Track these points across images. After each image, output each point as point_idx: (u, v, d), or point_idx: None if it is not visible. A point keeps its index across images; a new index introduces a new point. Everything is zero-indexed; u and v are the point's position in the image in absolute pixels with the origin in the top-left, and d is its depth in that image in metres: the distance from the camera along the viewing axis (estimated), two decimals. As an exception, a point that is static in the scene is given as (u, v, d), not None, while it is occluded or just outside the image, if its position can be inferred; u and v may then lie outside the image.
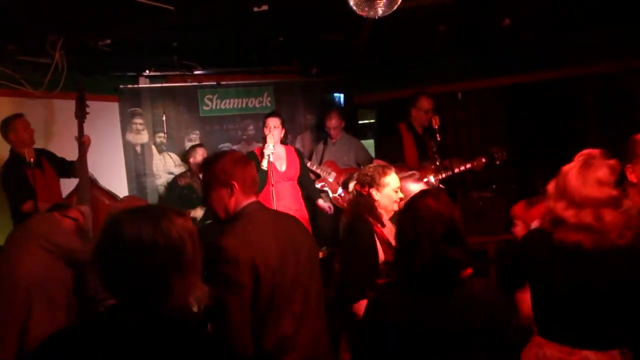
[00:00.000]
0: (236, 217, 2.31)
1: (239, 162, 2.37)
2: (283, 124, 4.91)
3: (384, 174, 3.19)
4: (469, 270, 1.92)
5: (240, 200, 2.33)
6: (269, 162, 4.56)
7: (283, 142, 5.06)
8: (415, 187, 3.39)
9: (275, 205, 4.35)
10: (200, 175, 2.48)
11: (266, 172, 4.52)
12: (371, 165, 3.38)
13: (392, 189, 3.15)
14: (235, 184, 2.30)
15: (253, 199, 2.37)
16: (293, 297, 2.28)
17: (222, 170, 2.32)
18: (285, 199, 4.78)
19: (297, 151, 5.19)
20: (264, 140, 4.75)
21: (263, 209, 2.44)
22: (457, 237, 1.88)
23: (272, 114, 4.98)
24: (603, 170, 2.13)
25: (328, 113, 5.79)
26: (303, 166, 5.12)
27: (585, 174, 2.13)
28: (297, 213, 4.57)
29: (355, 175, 3.35)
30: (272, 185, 4.50)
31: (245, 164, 2.38)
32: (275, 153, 4.69)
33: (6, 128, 4.46)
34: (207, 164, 2.41)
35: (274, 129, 4.77)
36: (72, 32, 4.38)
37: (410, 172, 3.83)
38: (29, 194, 4.26)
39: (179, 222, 1.43)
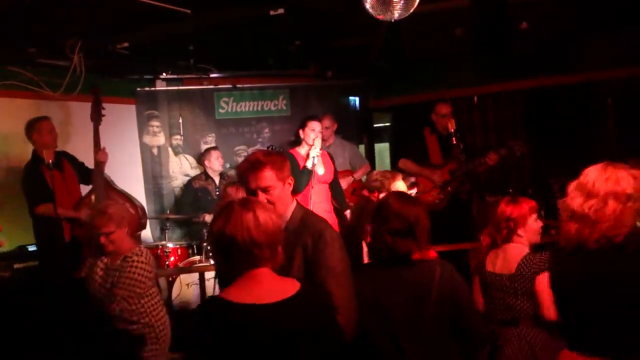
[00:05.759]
0: (301, 214, 2.33)
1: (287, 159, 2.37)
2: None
3: (393, 179, 3.23)
4: (434, 254, 2.40)
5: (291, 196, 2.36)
6: (313, 164, 4.59)
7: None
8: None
9: (311, 207, 4.37)
10: (246, 179, 2.27)
11: (310, 172, 4.56)
12: (378, 171, 3.44)
13: None
14: (291, 179, 2.33)
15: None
16: None
17: (285, 167, 2.29)
18: (321, 201, 4.80)
19: (331, 156, 5.19)
20: (298, 143, 4.80)
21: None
22: (410, 232, 2.27)
23: (315, 117, 4.98)
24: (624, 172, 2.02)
25: (322, 115, 5.78)
26: (335, 171, 5.15)
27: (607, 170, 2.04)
28: (329, 215, 4.68)
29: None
30: (312, 187, 4.56)
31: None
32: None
33: (31, 128, 4.45)
34: (266, 164, 2.23)
35: (319, 132, 4.83)
36: (91, 35, 4.43)
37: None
38: (45, 197, 4.18)
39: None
